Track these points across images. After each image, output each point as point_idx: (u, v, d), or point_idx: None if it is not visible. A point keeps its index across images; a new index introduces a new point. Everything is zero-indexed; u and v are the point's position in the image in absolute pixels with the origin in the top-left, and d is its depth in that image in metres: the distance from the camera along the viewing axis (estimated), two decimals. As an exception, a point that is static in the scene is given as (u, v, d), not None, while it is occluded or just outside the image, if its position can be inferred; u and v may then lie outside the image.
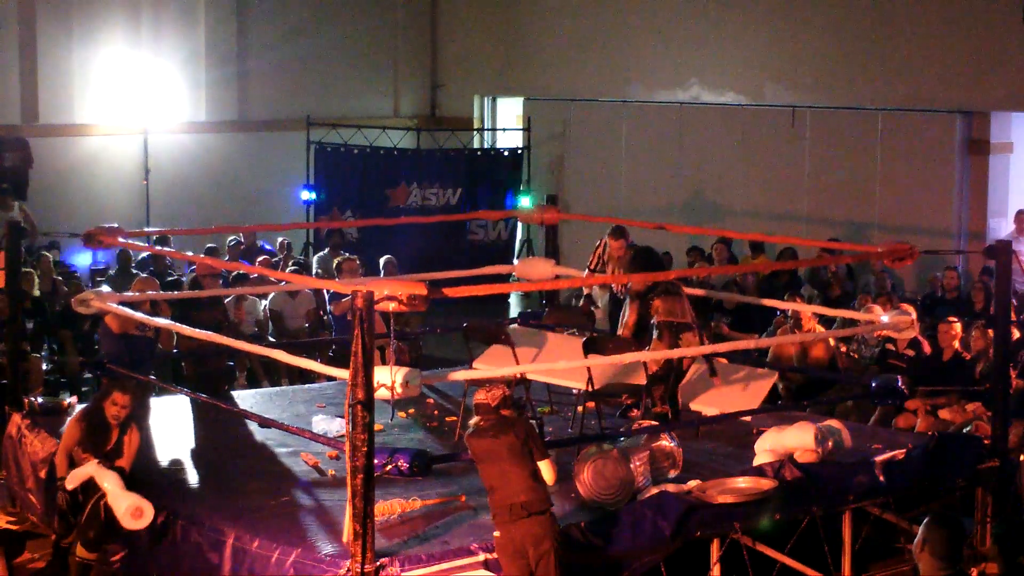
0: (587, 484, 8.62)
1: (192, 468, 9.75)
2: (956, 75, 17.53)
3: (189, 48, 21.20)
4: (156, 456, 9.76)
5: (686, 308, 10.39)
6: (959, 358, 12.45)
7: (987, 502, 9.83)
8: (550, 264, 12.95)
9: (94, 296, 10.79)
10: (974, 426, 11.52)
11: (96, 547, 9.04)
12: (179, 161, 20.90)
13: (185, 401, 11.15)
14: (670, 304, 10.30)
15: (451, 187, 20.76)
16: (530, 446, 7.67)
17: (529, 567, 7.58)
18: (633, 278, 11.44)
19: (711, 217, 19.48)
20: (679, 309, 10.31)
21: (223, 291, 12.79)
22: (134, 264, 17.30)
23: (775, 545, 9.01)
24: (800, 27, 19.01)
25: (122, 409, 9.14)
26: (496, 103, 23.66)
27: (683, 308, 10.35)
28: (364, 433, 7.48)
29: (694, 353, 10.32)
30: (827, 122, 18.76)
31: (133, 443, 9.20)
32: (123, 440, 9.15)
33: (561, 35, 21.88)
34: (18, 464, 10.55)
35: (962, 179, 17.66)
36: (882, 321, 10.76)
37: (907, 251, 10.21)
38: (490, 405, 7.73)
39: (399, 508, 8.42)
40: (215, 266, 12.40)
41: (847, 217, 18.40)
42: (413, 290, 7.69)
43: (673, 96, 20.34)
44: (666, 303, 10.29)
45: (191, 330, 10.24)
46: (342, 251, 18.08)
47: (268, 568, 7.94)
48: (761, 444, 9.53)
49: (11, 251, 11.47)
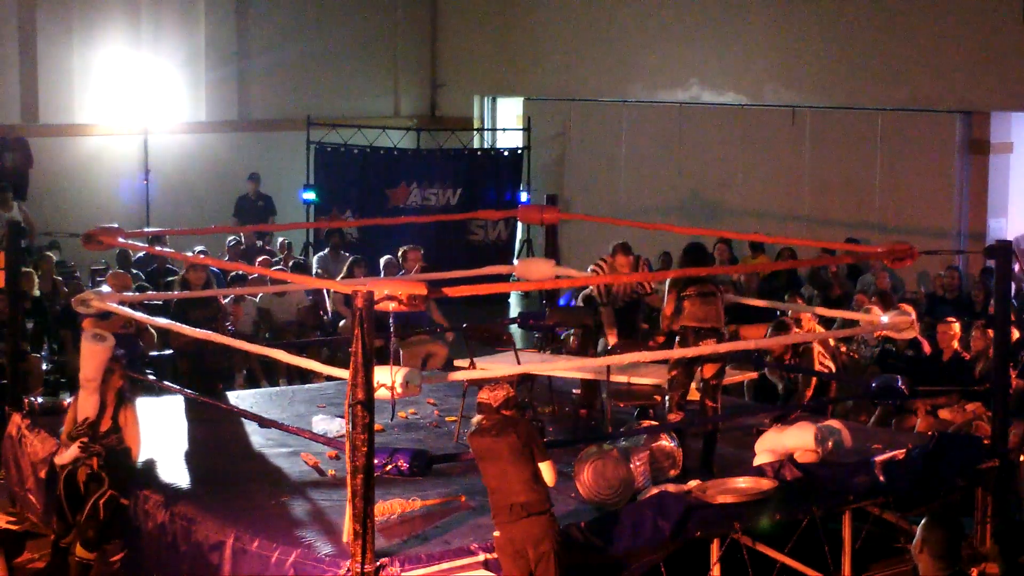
0: (587, 484, 8.63)
1: (192, 468, 9.75)
2: (956, 75, 17.54)
3: (189, 48, 21.20)
4: (156, 456, 9.75)
5: (714, 313, 9.90)
6: (959, 358, 12.45)
7: (987, 502, 9.83)
8: (550, 264, 12.94)
9: (94, 296, 10.79)
10: (974, 426, 11.52)
11: (95, 546, 9.05)
12: (179, 161, 20.91)
13: (184, 401, 11.14)
14: (696, 308, 9.84)
15: (451, 187, 20.75)
16: (531, 447, 7.66)
17: (529, 567, 7.59)
18: (633, 277, 11.44)
19: (711, 217, 19.47)
20: (704, 314, 9.84)
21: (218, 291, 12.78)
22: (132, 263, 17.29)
23: (775, 545, 9.01)
24: (800, 27, 19.02)
25: (109, 386, 9.21)
26: (496, 103, 23.66)
27: (709, 313, 9.86)
28: (364, 433, 7.49)
29: (693, 353, 10.24)
30: (827, 122, 18.76)
31: (130, 419, 9.23)
32: (119, 416, 9.19)
33: (561, 35, 21.89)
34: (18, 464, 10.56)
35: (962, 179, 17.66)
36: (882, 321, 10.75)
37: (907, 251, 10.21)
38: (492, 405, 7.73)
39: (399, 508, 8.43)
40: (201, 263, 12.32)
41: (847, 217, 18.40)
42: (413, 290, 7.70)
43: (673, 96, 20.34)
44: (693, 306, 9.84)
45: (190, 329, 10.23)
46: (342, 251, 18.09)
47: (268, 568, 7.94)
48: (761, 444, 9.54)
49: (11, 251, 11.47)
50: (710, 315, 9.83)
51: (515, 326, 14.26)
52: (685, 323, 9.86)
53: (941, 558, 5.58)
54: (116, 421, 9.20)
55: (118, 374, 9.33)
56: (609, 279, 11.50)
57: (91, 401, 9.16)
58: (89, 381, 9.20)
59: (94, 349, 9.26)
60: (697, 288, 9.88)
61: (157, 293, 12.85)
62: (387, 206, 20.45)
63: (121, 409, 9.25)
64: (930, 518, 5.68)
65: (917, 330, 11.01)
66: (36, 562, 9.85)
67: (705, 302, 9.84)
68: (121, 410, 9.24)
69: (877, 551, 9.68)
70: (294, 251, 18.83)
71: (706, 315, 9.83)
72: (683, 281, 9.98)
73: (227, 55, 21.54)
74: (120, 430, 9.19)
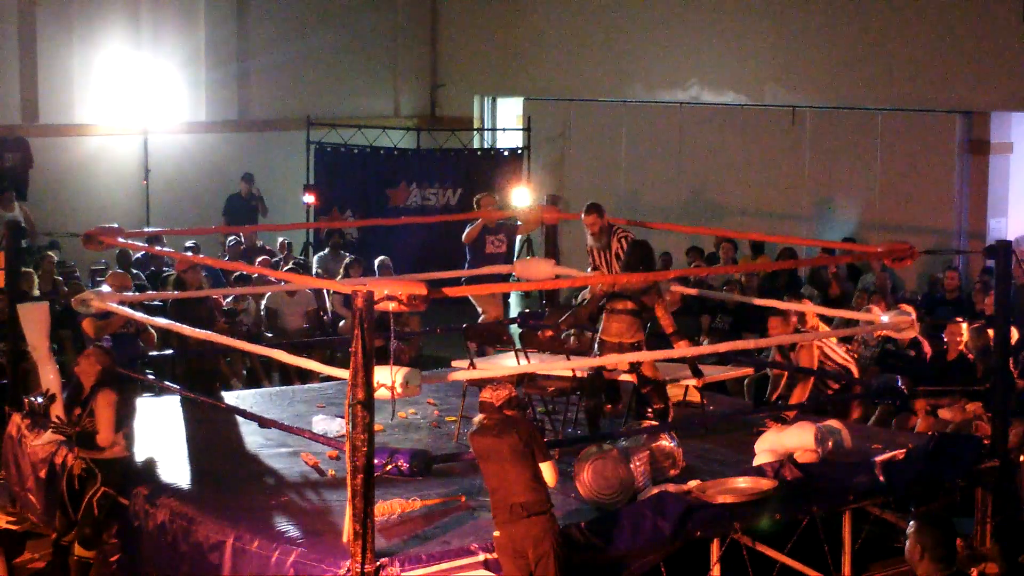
0: (587, 484, 8.63)
1: (192, 468, 9.75)
2: (956, 75, 17.54)
3: (189, 48, 21.20)
4: (156, 456, 9.75)
5: (625, 328, 10.12)
6: (964, 358, 12.44)
7: (987, 502, 9.82)
8: (550, 264, 12.94)
9: (94, 296, 10.79)
10: (974, 426, 11.52)
11: (94, 544, 9.06)
12: (179, 161, 20.90)
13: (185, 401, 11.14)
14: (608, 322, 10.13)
15: (451, 187, 20.73)
16: (532, 447, 7.66)
17: (529, 567, 7.59)
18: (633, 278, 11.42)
19: (711, 217, 19.48)
20: (616, 329, 10.11)
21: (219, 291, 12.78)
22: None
23: (775, 545, 9.01)
24: (800, 27, 19.02)
25: (82, 360, 9.29)
26: (496, 103, 23.66)
27: (621, 329, 10.11)
28: (364, 433, 7.49)
29: (693, 353, 10.30)
30: (827, 122, 18.76)
31: (101, 403, 9.17)
32: (92, 398, 9.17)
33: (561, 35, 21.88)
34: (18, 464, 10.55)
35: (962, 179, 17.67)
36: (882, 321, 10.75)
37: (907, 251, 10.22)
38: (494, 404, 7.73)
39: (399, 508, 8.43)
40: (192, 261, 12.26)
41: (847, 217, 18.41)
42: (413, 290, 7.69)
43: (673, 96, 20.35)
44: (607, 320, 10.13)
45: (190, 330, 10.22)
46: (342, 251, 18.08)
47: (268, 568, 7.95)
48: (761, 444, 9.54)
49: (11, 251, 11.46)
50: (621, 331, 10.06)
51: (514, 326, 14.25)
52: (602, 337, 10.13)
53: (940, 559, 5.59)
54: (91, 405, 9.18)
55: (95, 358, 9.30)
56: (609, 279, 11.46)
57: (47, 372, 9.09)
58: (34, 349, 9.15)
59: (29, 315, 9.19)
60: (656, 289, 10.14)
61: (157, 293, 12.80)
62: (387, 206, 20.45)
63: (97, 393, 9.21)
64: (920, 522, 5.68)
65: (917, 330, 11.01)
66: (36, 562, 9.87)
67: (616, 318, 10.08)
68: (97, 394, 9.20)
69: (877, 551, 9.68)
70: (294, 251, 18.84)
71: (617, 331, 10.08)
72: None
73: (227, 55, 21.54)
74: (94, 414, 9.16)
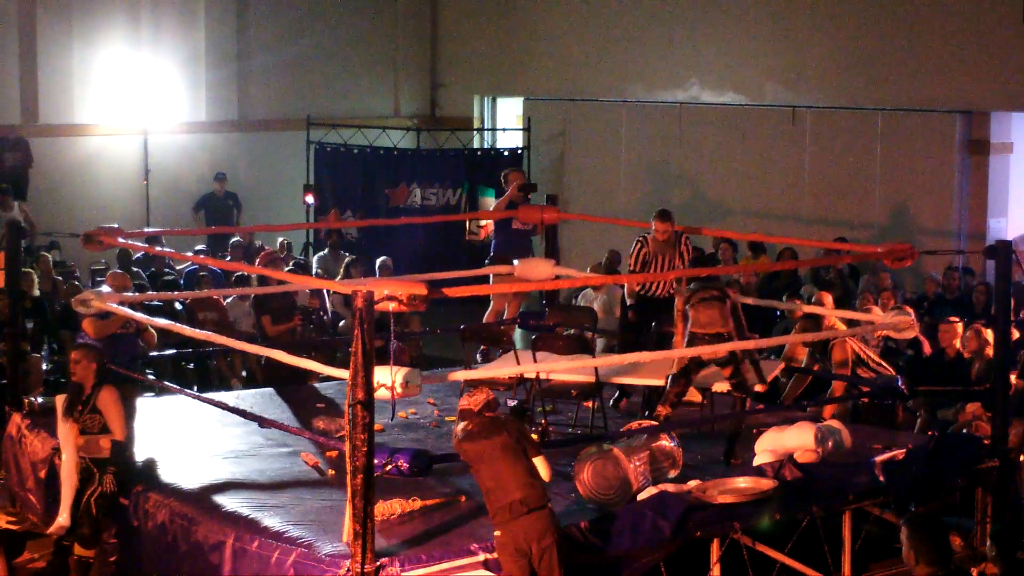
0: (587, 484, 8.62)
1: (192, 468, 9.74)
2: (956, 75, 17.53)
3: (189, 48, 21.20)
4: (156, 456, 9.75)
5: (719, 317, 9.70)
6: (961, 358, 12.44)
7: (987, 502, 9.82)
8: (550, 264, 12.93)
9: (94, 296, 10.79)
10: (974, 426, 11.51)
11: (93, 543, 9.07)
12: (179, 161, 20.90)
13: (184, 400, 11.14)
14: (697, 313, 9.72)
15: (451, 187, 20.74)
16: (523, 444, 7.71)
17: (531, 565, 7.60)
18: (632, 278, 11.41)
19: (711, 217, 19.45)
20: (706, 319, 9.70)
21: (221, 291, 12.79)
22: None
23: (775, 545, 9.01)
24: (800, 27, 19.01)
25: (75, 364, 9.33)
26: (496, 103, 23.65)
27: (713, 317, 9.70)
28: (364, 433, 7.49)
29: (692, 353, 10.20)
30: (827, 122, 18.75)
31: (107, 400, 9.21)
32: (96, 398, 9.19)
33: (561, 35, 21.88)
34: (18, 464, 10.56)
35: (962, 179, 17.66)
36: (882, 321, 10.75)
37: (907, 251, 10.21)
38: (473, 410, 7.79)
39: (399, 508, 8.42)
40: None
41: (847, 217, 18.40)
42: (413, 290, 7.70)
43: (673, 96, 20.34)
44: (696, 312, 9.72)
45: (190, 330, 10.24)
46: (342, 251, 18.08)
47: (268, 568, 7.95)
48: (761, 444, 9.54)
49: (11, 251, 11.46)
50: (710, 319, 9.68)
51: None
52: (692, 330, 9.75)
53: (936, 562, 5.60)
54: (94, 403, 9.20)
55: (88, 359, 9.33)
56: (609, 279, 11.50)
57: None
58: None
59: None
60: (700, 294, 9.77)
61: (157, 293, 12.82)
62: (387, 206, 20.45)
63: (100, 391, 9.23)
64: (910, 528, 5.68)
65: (917, 330, 11.01)
66: (36, 562, 9.86)
67: (707, 307, 9.71)
68: (100, 392, 9.23)
69: (877, 551, 9.68)
70: (294, 251, 18.84)
71: (711, 320, 9.68)
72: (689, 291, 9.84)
73: (227, 55, 21.54)
74: (99, 412, 9.17)
